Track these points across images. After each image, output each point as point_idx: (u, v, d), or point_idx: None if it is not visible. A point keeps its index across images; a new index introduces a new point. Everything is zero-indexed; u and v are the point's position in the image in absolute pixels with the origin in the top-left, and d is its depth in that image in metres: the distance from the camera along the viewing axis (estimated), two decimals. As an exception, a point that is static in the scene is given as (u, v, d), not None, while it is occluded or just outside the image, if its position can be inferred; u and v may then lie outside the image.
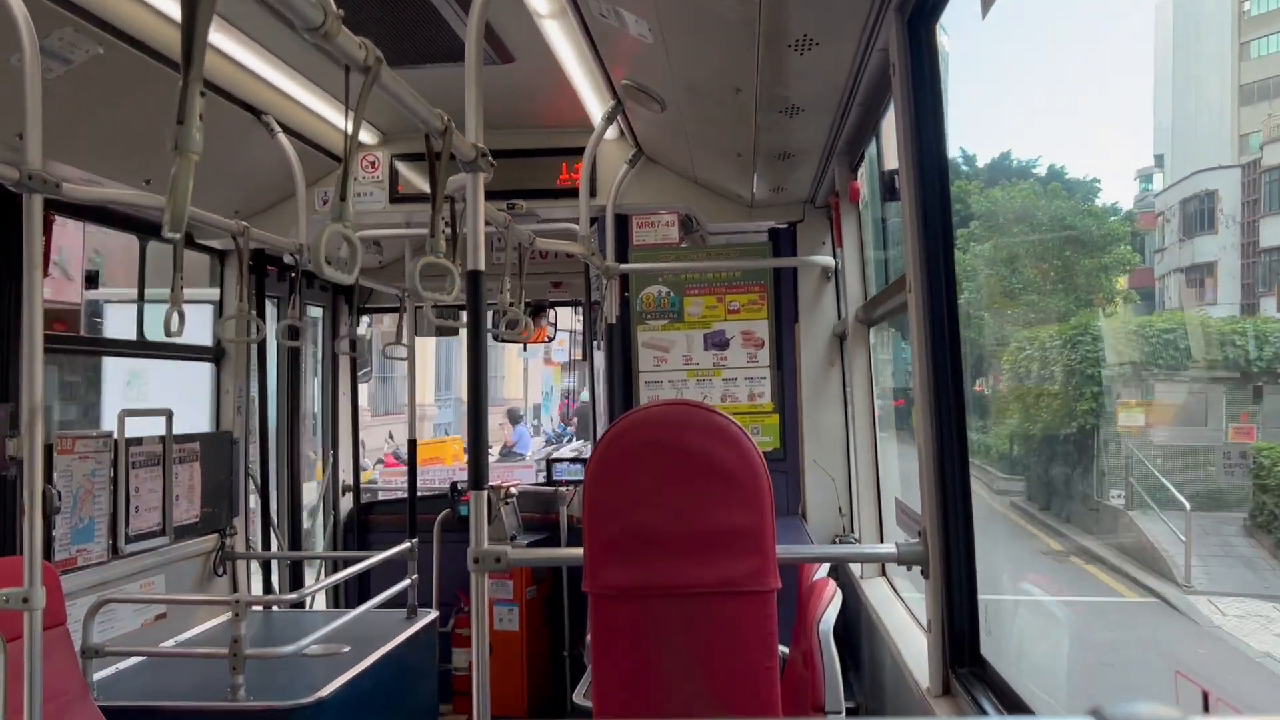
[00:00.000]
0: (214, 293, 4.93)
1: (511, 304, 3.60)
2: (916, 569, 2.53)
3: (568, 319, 11.30)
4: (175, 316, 3.14)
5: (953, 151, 2.52)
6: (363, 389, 6.50)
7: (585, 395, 22.29)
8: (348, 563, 4.66)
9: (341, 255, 1.81)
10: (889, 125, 3.45)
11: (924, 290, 2.42)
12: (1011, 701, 2.22)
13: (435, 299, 2.36)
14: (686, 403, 2.45)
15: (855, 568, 4.12)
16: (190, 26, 1.34)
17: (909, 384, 4.69)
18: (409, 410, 5.67)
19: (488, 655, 2.38)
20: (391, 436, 16.66)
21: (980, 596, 2.43)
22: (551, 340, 6.63)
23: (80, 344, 5.38)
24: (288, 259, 4.20)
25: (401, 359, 5.17)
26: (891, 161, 3.64)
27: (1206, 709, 2.63)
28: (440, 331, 6.73)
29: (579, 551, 2.38)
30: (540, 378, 27.86)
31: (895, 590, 3.79)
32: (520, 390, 26.69)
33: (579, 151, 4.41)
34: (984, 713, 2.19)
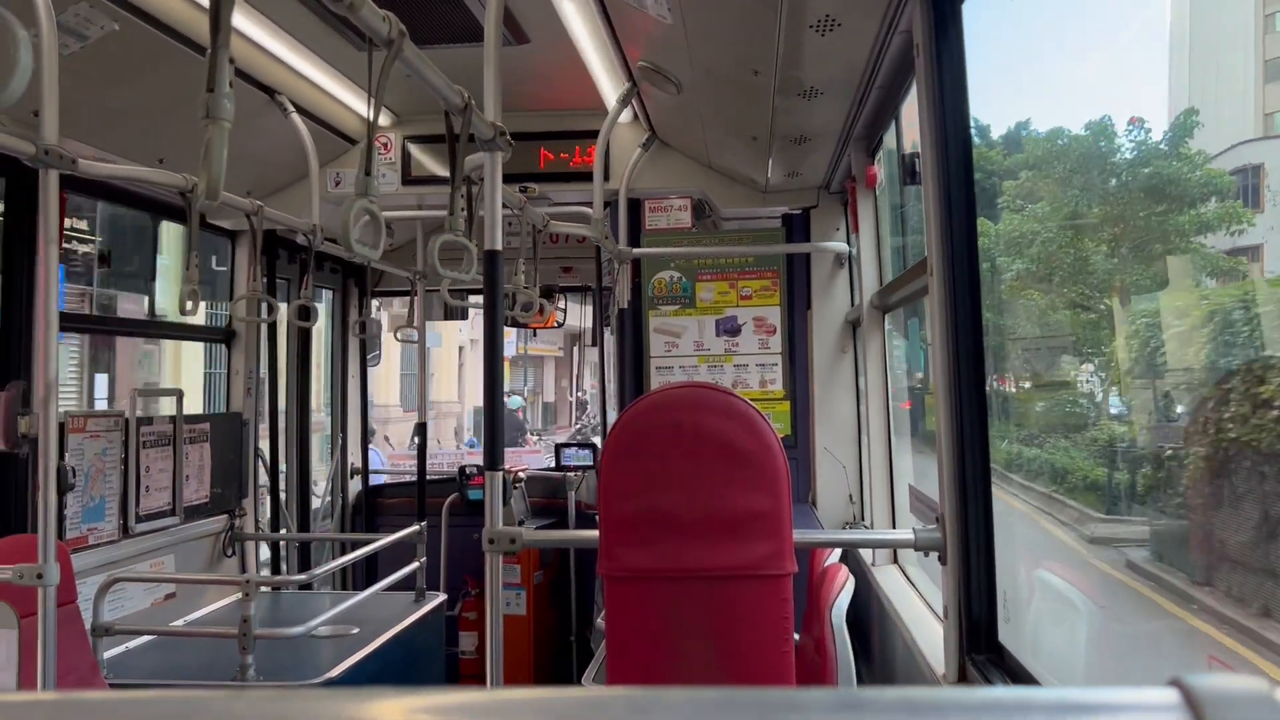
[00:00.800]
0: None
1: (526, 287, 3.59)
2: (933, 555, 2.52)
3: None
4: (191, 296, 3.11)
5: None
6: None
7: (518, 401, 21.00)
8: (356, 545, 4.67)
9: (359, 236, 1.79)
10: (909, 109, 3.42)
11: (946, 273, 2.40)
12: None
13: (453, 278, 2.35)
14: (703, 385, 2.43)
15: (866, 554, 4.10)
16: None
17: (917, 384, 4.64)
18: (419, 395, 5.67)
19: (501, 635, 2.38)
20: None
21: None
22: (560, 325, 6.61)
23: (93, 323, 5.38)
24: (300, 240, 4.19)
25: (413, 342, 5.16)
26: (911, 146, 3.61)
27: None
28: (450, 314, 6.72)
29: (594, 534, 2.37)
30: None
31: (908, 577, 3.77)
32: (454, 392, 23.23)
33: (593, 135, 4.38)
34: None
